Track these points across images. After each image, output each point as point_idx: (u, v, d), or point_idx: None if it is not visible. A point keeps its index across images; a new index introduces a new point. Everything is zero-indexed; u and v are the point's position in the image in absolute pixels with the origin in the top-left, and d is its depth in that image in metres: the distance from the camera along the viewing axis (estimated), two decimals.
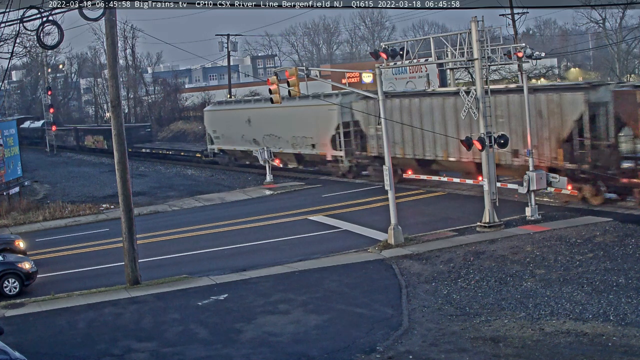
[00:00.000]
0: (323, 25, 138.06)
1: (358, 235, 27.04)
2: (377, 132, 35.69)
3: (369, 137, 37.16)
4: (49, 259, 27.53)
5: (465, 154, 30.72)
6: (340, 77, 64.59)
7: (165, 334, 17.76)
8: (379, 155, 35.38)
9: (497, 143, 25.41)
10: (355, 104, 37.25)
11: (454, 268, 21.24)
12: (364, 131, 37.59)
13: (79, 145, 72.58)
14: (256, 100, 49.63)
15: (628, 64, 73.46)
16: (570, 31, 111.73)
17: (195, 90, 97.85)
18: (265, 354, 15.92)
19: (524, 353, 14.68)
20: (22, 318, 19.94)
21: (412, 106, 34.55)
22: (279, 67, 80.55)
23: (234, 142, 48.18)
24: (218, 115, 50.47)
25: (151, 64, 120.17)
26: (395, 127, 34.01)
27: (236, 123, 47.16)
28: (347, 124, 38.70)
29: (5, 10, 22.58)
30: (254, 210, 34.37)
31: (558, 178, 26.55)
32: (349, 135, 38.76)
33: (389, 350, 15.49)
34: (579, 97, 27.38)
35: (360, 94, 29.09)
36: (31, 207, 38.39)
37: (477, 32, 24.81)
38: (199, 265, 24.74)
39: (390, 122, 32.01)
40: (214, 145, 51.10)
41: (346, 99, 38.23)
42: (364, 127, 37.57)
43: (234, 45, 70.95)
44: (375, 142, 36.56)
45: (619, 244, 22.10)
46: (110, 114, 23.20)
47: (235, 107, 49.34)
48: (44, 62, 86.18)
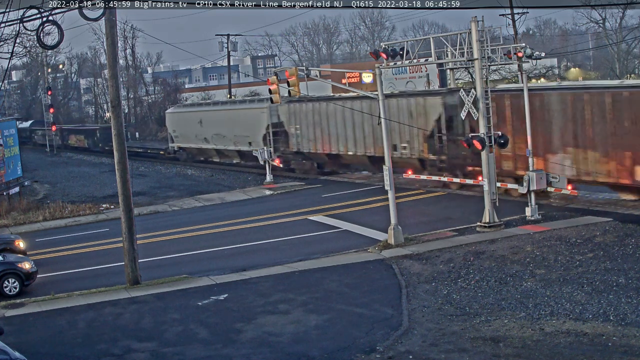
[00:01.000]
0: (323, 25, 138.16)
1: (358, 235, 27.05)
2: (295, 131, 42.68)
3: (290, 136, 43.18)
4: (49, 259, 27.53)
5: (360, 149, 37.94)
6: (340, 77, 64.63)
7: (165, 334, 17.76)
8: (298, 150, 43.10)
9: (497, 143, 25.45)
10: (280, 107, 42.59)
11: (454, 268, 21.24)
12: (287, 130, 43.32)
13: (64, 144, 78.38)
14: (207, 104, 57.14)
15: (628, 64, 73.46)
16: (570, 31, 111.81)
17: (195, 90, 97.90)
18: (265, 354, 15.93)
19: (524, 353, 14.68)
20: (22, 318, 19.94)
21: (321, 109, 40.58)
22: (279, 67, 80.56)
23: (190, 140, 54.14)
24: (177, 117, 56.49)
25: (151, 64, 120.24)
26: (309, 126, 41.28)
27: (191, 124, 53.26)
28: (276, 124, 44.20)
29: (5, 10, 22.60)
30: (254, 210, 34.38)
31: (558, 178, 26.55)
32: (277, 134, 44.16)
33: (389, 350, 15.50)
34: (438, 100, 33.46)
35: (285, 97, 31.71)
36: (31, 207, 38.39)
37: (477, 32, 24.80)
38: (199, 265, 24.74)
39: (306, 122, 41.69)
40: (174, 143, 56.87)
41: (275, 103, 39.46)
42: (287, 127, 43.37)
43: (234, 45, 71.02)
44: (294, 139, 42.85)
45: (619, 244, 22.10)
46: (110, 114, 23.19)
47: (190, 110, 55.80)
48: (44, 62, 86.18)
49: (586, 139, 27.69)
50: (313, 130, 41.19)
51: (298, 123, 42.34)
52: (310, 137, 41.42)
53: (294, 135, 42.72)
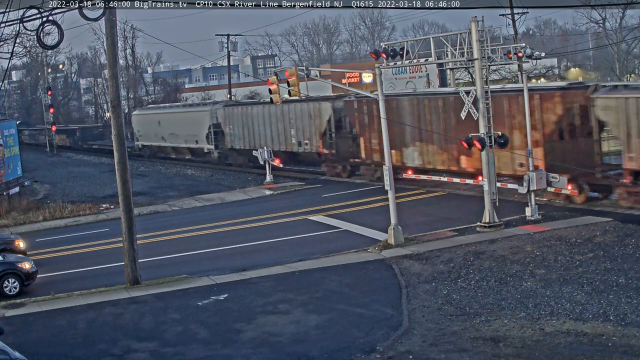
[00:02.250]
0: (323, 25, 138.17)
1: (358, 235, 27.05)
2: (230, 131, 50.21)
3: (226, 134, 50.80)
4: (49, 259, 27.54)
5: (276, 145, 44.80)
6: (340, 77, 64.65)
7: (165, 334, 17.77)
8: (232, 147, 50.47)
9: (497, 143, 25.45)
10: (218, 110, 51.46)
11: (454, 268, 21.24)
12: (223, 130, 50.98)
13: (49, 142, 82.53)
14: (164, 107, 63.98)
15: (628, 64, 73.46)
16: (570, 31, 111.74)
17: (195, 90, 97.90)
18: (265, 354, 15.93)
19: (524, 353, 14.68)
20: (22, 318, 19.94)
21: (247, 112, 48.40)
22: (279, 67, 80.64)
23: (151, 139, 61.38)
24: (140, 118, 63.60)
25: (151, 64, 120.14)
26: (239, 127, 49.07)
27: (152, 124, 60.48)
28: (216, 125, 51.69)
29: (5, 10, 22.59)
30: (254, 210, 34.38)
31: (558, 178, 26.57)
32: (217, 134, 51.72)
33: (389, 350, 15.50)
34: (328, 105, 41.07)
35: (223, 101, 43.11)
36: (31, 207, 38.38)
37: (477, 32, 24.80)
38: (199, 265, 24.74)
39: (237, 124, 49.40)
40: (139, 141, 63.96)
41: (214, 107, 52.47)
42: (223, 128, 51.08)
43: (234, 45, 70.95)
44: (229, 137, 50.63)
45: (619, 244, 22.10)
46: (110, 114, 23.19)
47: (151, 112, 62.85)
48: (44, 62, 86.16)
49: (428, 135, 33.81)
50: (242, 130, 48.87)
51: (231, 124, 50.07)
52: (240, 135, 49.20)
53: (229, 134, 50.51)
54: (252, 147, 46.84)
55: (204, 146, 52.95)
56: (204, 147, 52.93)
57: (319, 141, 41.59)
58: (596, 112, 27.22)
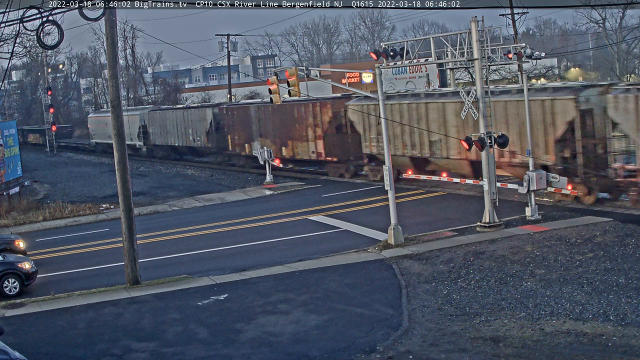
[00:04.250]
0: (323, 25, 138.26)
1: (358, 235, 27.05)
2: (152, 130, 62.17)
3: (150, 134, 62.64)
4: (49, 259, 27.54)
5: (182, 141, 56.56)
6: (340, 77, 64.67)
7: (165, 334, 17.77)
8: (155, 143, 62.23)
9: (498, 143, 25.44)
10: (145, 114, 63.35)
11: (454, 268, 21.24)
12: (149, 130, 62.74)
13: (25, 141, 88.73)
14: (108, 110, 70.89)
15: (628, 64, 73.49)
16: (570, 31, 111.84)
17: (195, 90, 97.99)
18: (265, 354, 15.93)
19: (524, 353, 14.68)
20: (22, 318, 19.93)
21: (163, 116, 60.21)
22: (279, 67, 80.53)
23: (101, 137, 71.64)
24: (94, 120, 75.29)
25: (151, 64, 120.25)
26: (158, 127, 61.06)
27: (101, 125, 70.54)
28: (144, 126, 63.15)
29: (5, 10, 22.59)
30: (254, 210, 34.38)
31: (558, 178, 26.57)
32: (145, 132, 63.29)
33: (389, 350, 15.50)
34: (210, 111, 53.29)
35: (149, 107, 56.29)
36: (31, 207, 38.38)
37: (477, 32, 24.79)
38: (199, 265, 24.74)
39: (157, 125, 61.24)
40: (93, 139, 74.67)
41: (143, 112, 64.45)
42: (148, 128, 62.78)
43: (234, 45, 70.97)
44: (151, 136, 62.56)
45: (619, 244, 22.10)
46: (110, 114, 23.19)
47: (101, 115, 72.57)
48: (44, 62, 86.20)
49: (264, 133, 46.17)
50: (160, 130, 60.86)
51: (153, 125, 62.07)
52: (159, 134, 61.24)
53: (151, 133, 62.50)
54: (167, 143, 59.86)
55: (136, 143, 64.59)
56: (136, 143, 64.62)
57: (205, 137, 53.46)
58: (348, 116, 39.23)
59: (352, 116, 38.48)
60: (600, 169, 27.29)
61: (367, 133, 37.31)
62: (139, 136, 64.33)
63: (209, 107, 54.51)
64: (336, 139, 40.62)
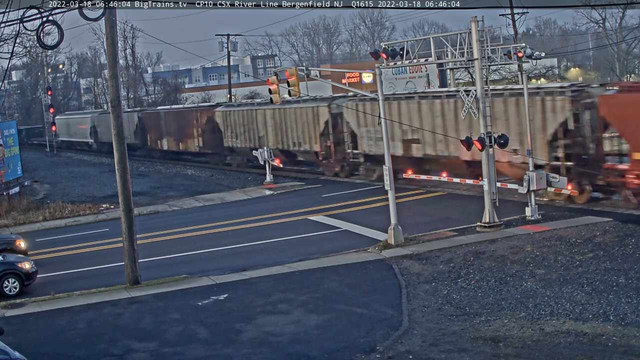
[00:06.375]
0: (323, 25, 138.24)
1: (358, 235, 27.04)
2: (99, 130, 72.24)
3: (99, 133, 72.48)
4: (49, 259, 27.54)
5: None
6: (340, 77, 64.61)
7: (165, 334, 17.77)
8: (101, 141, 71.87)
9: (497, 143, 25.45)
10: (95, 116, 74.42)
11: (454, 268, 21.24)
12: (97, 130, 73.38)
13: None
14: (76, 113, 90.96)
15: (628, 64, 73.43)
16: (570, 31, 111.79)
17: (195, 90, 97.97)
18: (265, 354, 15.93)
19: (524, 353, 14.69)
20: (22, 318, 19.94)
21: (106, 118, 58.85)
22: (279, 67, 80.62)
23: (64, 135, 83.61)
24: (62, 121, 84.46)
25: (151, 64, 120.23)
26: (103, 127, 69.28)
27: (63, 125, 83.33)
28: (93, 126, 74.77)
29: (5, 10, 22.60)
30: (254, 210, 34.38)
31: (558, 178, 26.56)
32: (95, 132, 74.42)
33: (389, 350, 15.50)
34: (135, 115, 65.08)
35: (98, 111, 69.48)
36: (31, 207, 38.37)
37: (477, 32, 24.78)
38: (199, 265, 24.74)
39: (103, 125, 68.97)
40: (59, 137, 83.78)
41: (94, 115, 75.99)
42: (97, 128, 73.50)
43: (234, 45, 70.96)
44: (99, 135, 72.56)
45: (619, 244, 22.10)
46: (110, 114, 23.20)
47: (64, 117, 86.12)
48: (44, 62, 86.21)
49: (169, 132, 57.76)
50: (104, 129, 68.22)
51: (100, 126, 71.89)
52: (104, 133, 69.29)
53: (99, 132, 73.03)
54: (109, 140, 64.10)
55: (88, 140, 76.75)
56: (88, 141, 76.79)
57: (134, 135, 64.27)
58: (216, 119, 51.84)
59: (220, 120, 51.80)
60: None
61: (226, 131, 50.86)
62: (90, 135, 77.07)
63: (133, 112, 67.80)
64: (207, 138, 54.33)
